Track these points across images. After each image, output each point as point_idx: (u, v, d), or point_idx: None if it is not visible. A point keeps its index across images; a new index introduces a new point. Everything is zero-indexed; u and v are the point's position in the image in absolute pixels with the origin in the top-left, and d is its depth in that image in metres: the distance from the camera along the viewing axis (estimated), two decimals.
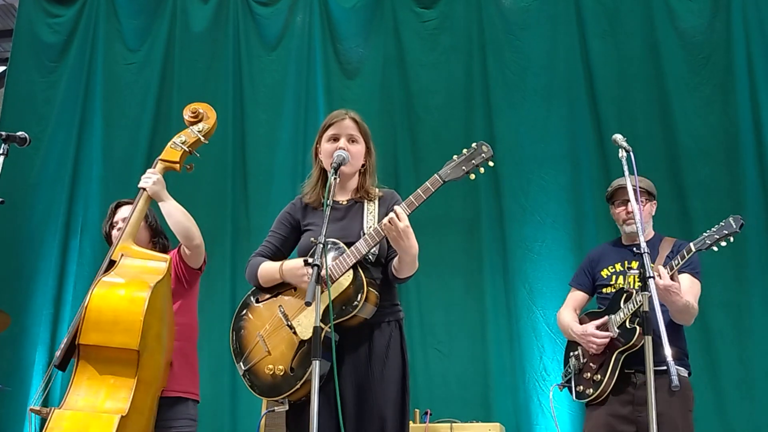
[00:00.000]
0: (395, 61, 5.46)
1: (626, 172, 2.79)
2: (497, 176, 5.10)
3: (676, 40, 5.11)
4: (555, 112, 5.19)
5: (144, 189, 3.08)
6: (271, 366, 2.72)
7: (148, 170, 3.14)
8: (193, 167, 3.25)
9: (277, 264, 2.81)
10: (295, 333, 2.70)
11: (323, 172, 2.93)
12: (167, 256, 3.06)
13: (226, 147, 5.43)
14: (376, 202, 2.89)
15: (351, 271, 2.65)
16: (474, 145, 2.73)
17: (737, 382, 4.56)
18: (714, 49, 5.05)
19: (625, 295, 3.44)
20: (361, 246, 2.66)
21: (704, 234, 3.18)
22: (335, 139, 2.88)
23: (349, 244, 2.70)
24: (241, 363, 2.82)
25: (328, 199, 2.55)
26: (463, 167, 2.71)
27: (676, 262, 3.23)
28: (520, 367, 4.84)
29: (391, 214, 2.60)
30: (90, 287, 2.84)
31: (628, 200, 3.54)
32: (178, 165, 3.18)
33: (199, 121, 3.28)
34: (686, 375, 3.35)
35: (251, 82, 5.60)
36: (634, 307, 3.33)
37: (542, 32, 5.32)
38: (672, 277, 3.21)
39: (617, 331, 3.39)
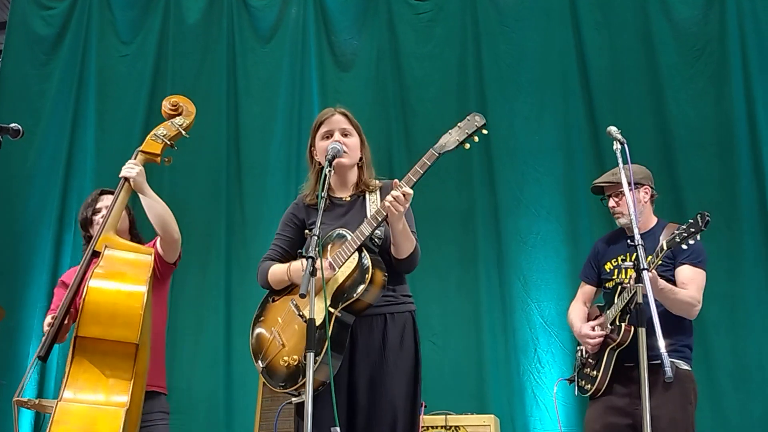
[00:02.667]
0: (389, 54, 5.45)
1: (620, 164, 2.79)
2: (492, 168, 5.11)
3: (670, 31, 5.11)
4: (549, 104, 5.19)
5: (127, 179, 3.05)
6: (286, 358, 2.72)
7: (129, 161, 3.11)
8: (171, 161, 3.23)
9: (285, 266, 2.83)
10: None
11: (321, 172, 2.92)
12: (151, 249, 3.06)
13: (220, 140, 5.42)
14: (378, 193, 2.90)
15: (356, 254, 2.65)
16: (468, 116, 2.74)
17: (731, 374, 4.59)
18: (708, 40, 5.05)
19: (619, 289, 3.44)
20: (364, 228, 2.66)
21: (675, 231, 3.16)
22: (329, 135, 2.88)
23: None
24: (260, 361, 2.82)
25: (322, 190, 2.56)
26: (457, 138, 2.71)
27: (654, 257, 3.18)
28: (514, 359, 4.85)
29: (394, 192, 2.60)
30: (75, 277, 2.85)
31: (611, 195, 3.57)
32: (158, 158, 3.16)
33: (179, 114, 3.27)
34: (687, 368, 3.33)
35: (245, 74, 5.58)
36: (623, 303, 3.33)
37: (536, 24, 5.31)
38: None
39: (610, 327, 3.39)
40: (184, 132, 3.22)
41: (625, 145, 2.82)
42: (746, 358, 4.59)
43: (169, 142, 3.18)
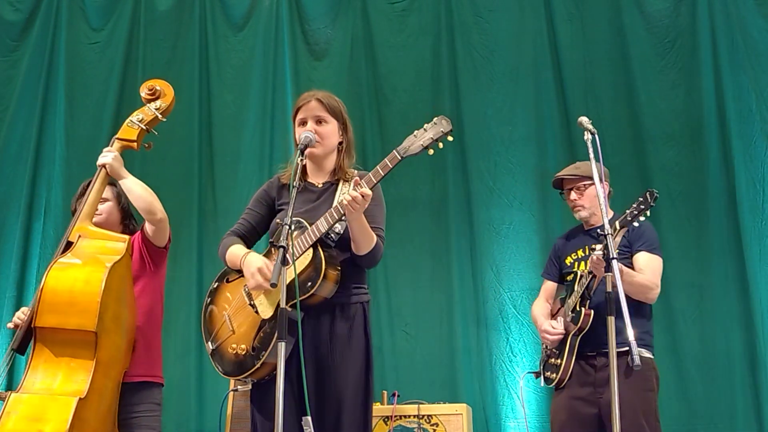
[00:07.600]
0: (363, 43, 5.43)
1: (591, 155, 2.81)
2: (464, 158, 5.12)
3: (642, 23, 5.15)
4: (522, 95, 5.21)
5: (103, 166, 3.02)
6: (234, 345, 2.73)
7: (105, 149, 3.08)
8: (152, 145, 3.20)
9: (242, 252, 2.80)
10: (257, 312, 2.70)
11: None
12: (126, 237, 3.01)
13: (192, 128, 5.37)
14: (351, 184, 2.88)
15: (311, 250, 2.64)
16: (435, 119, 2.69)
17: (698, 362, 4.66)
18: (679, 33, 5.10)
19: (577, 279, 3.53)
20: (321, 225, 2.65)
21: (626, 211, 3.23)
22: (303, 122, 2.88)
23: None
24: (210, 342, 2.82)
25: (293, 180, 2.55)
26: (422, 143, 2.67)
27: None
28: (486, 349, 4.88)
29: (353, 192, 2.59)
30: (46, 269, 2.80)
31: (571, 188, 3.64)
32: (135, 143, 3.12)
33: (157, 98, 3.23)
34: (648, 355, 3.38)
35: (217, 62, 5.53)
36: (581, 289, 3.41)
37: (510, 15, 5.32)
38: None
39: (571, 315, 3.47)
40: (161, 116, 3.19)
41: (596, 136, 2.85)
42: (713, 347, 4.66)
43: (145, 127, 3.15)
